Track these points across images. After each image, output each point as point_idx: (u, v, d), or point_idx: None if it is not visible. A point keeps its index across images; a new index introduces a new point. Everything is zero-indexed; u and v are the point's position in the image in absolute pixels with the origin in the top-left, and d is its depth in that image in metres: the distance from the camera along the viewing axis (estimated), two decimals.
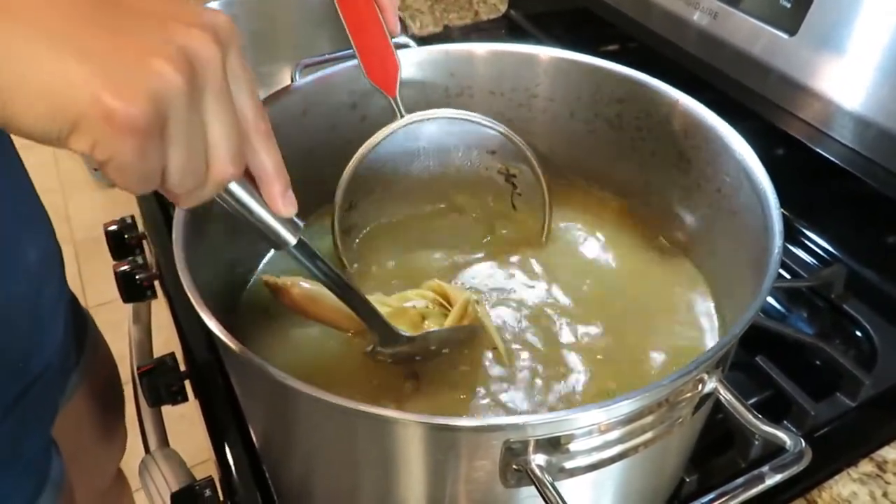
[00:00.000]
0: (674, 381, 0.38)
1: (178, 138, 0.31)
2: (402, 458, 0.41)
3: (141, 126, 0.29)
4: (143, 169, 0.30)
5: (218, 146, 0.33)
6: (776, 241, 0.46)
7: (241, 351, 0.40)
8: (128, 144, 0.29)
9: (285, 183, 0.39)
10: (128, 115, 0.28)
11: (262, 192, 0.39)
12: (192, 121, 0.31)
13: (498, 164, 0.67)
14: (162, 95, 0.29)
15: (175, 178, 0.32)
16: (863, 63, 0.70)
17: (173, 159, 0.31)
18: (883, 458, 0.57)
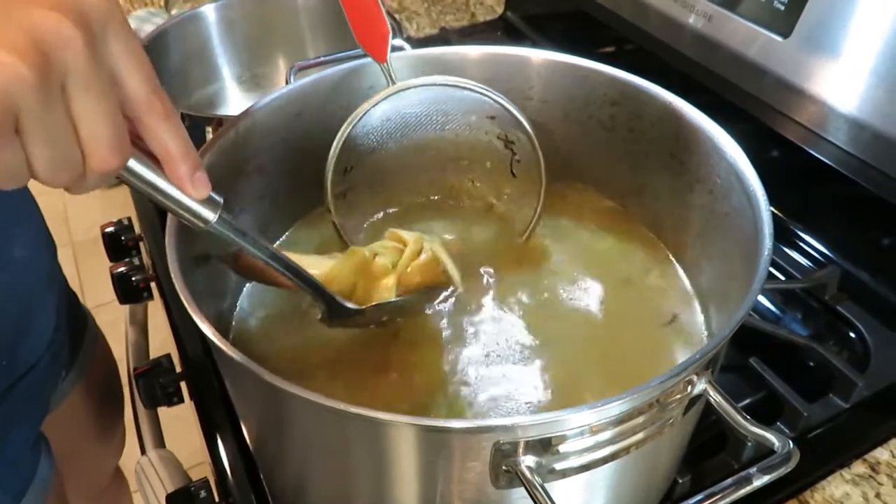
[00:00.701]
0: (663, 382, 0.39)
1: (35, 134, 0.29)
2: (393, 459, 0.42)
3: (34, 78, 0.27)
4: (2, 167, 0.29)
5: (92, 137, 0.31)
6: (766, 242, 0.46)
7: (233, 354, 0.41)
8: (30, 97, 0.27)
9: (193, 163, 0.37)
10: (20, 66, 0.27)
11: (168, 175, 0.37)
12: (52, 114, 0.29)
13: (497, 130, 0.66)
14: (7, 90, 0.27)
15: (45, 173, 0.30)
16: (857, 65, 0.70)
17: (36, 155, 0.29)
18: (876, 460, 0.58)
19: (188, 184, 0.37)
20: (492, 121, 0.66)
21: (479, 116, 0.65)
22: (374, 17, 0.60)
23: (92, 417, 0.81)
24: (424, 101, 0.64)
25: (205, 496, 0.58)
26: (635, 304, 0.60)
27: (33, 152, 0.29)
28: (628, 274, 0.63)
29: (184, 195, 0.38)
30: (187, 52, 0.95)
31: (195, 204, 0.39)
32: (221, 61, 0.99)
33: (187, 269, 0.47)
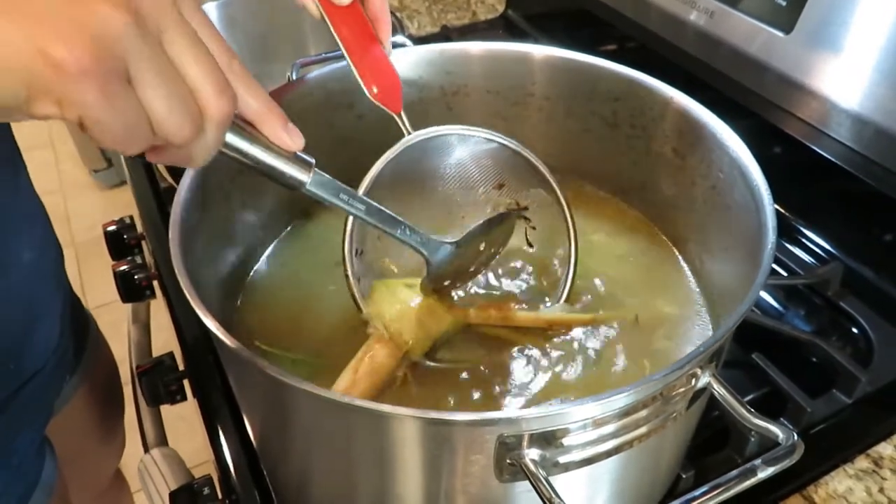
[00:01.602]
0: (667, 375, 0.39)
1: (147, 78, 0.30)
2: (397, 452, 0.41)
3: (92, 69, 0.28)
4: (121, 118, 0.29)
5: (203, 82, 0.32)
6: (770, 236, 0.46)
7: (237, 348, 0.41)
8: (89, 91, 0.28)
9: (282, 116, 0.38)
10: (75, 60, 0.27)
11: (264, 132, 0.38)
12: (158, 59, 0.30)
13: (507, 200, 0.63)
14: (109, 35, 0.28)
15: (167, 124, 0.31)
16: (859, 61, 0.70)
17: (153, 102, 0.30)
18: (879, 455, 0.58)
19: (284, 135, 0.38)
20: (499, 190, 0.63)
21: (486, 188, 0.63)
22: (384, 69, 0.58)
23: (94, 420, 0.81)
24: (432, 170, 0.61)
25: (208, 493, 0.58)
26: (639, 297, 0.60)
27: (151, 100, 0.30)
28: (631, 268, 0.63)
29: (277, 158, 0.39)
30: None
31: (290, 167, 0.40)
32: None
33: (191, 265, 0.47)
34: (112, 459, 0.92)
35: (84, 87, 0.28)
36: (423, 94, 0.67)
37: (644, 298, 0.60)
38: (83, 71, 0.28)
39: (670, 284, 0.61)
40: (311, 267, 0.63)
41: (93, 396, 0.79)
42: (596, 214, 0.68)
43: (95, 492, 0.90)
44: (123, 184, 2.19)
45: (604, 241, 0.66)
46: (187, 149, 0.33)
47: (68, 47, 0.27)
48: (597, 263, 0.63)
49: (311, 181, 0.42)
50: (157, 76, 0.30)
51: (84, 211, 2.29)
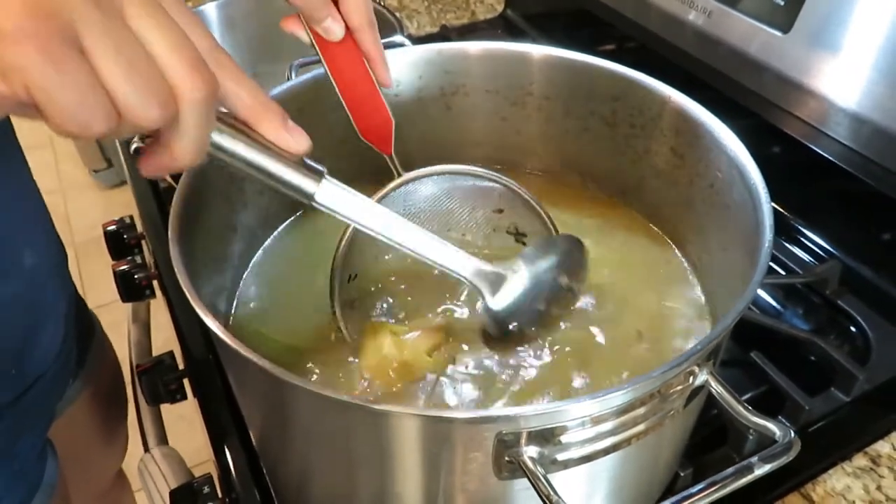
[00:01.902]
0: (664, 372, 0.39)
1: (101, 47, 0.27)
2: (396, 450, 0.42)
3: (31, 27, 0.25)
4: (73, 89, 0.26)
5: (172, 58, 0.28)
6: (767, 235, 0.46)
7: (237, 347, 0.41)
8: (29, 53, 0.25)
9: (281, 112, 0.34)
10: (14, 23, 0.25)
11: (261, 131, 0.33)
12: (116, 29, 0.27)
13: (506, 223, 0.62)
14: None
15: (129, 100, 0.27)
16: (857, 60, 0.70)
17: (111, 74, 0.27)
18: (877, 452, 0.58)
19: (285, 134, 0.34)
20: (500, 214, 0.62)
21: (486, 211, 0.61)
22: (376, 107, 0.56)
23: (97, 422, 0.81)
24: (428, 198, 0.59)
25: (208, 492, 0.59)
26: (637, 296, 0.60)
27: (107, 71, 0.27)
28: (630, 266, 0.63)
29: (281, 164, 0.34)
30: None
31: (296, 174, 0.35)
32: None
33: (191, 264, 0.47)
34: (115, 460, 0.92)
35: (23, 48, 0.25)
36: (423, 93, 0.67)
37: (643, 296, 0.60)
38: (21, 31, 0.25)
39: (669, 282, 0.62)
40: (311, 261, 0.63)
41: (97, 399, 0.79)
42: (594, 213, 0.68)
43: (97, 492, 0.90)
44: (123, 184, 2.19)
45: (603, 240, 0.66)
46: (167, 143, 0.30)
47: (9, 12, 0.25)
48: (596, 262, 0.63)
49: (321, 192, 0.37)
50: (114, 46, 0.27)
51: (84, 211, 2.29)
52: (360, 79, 0.56)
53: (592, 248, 0.65)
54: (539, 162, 0.72)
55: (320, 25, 0.53)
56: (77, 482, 0.77)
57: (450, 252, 0.43)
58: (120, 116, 0.28)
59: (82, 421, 0.77)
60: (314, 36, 0.54)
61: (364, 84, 0.56)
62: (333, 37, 0.54)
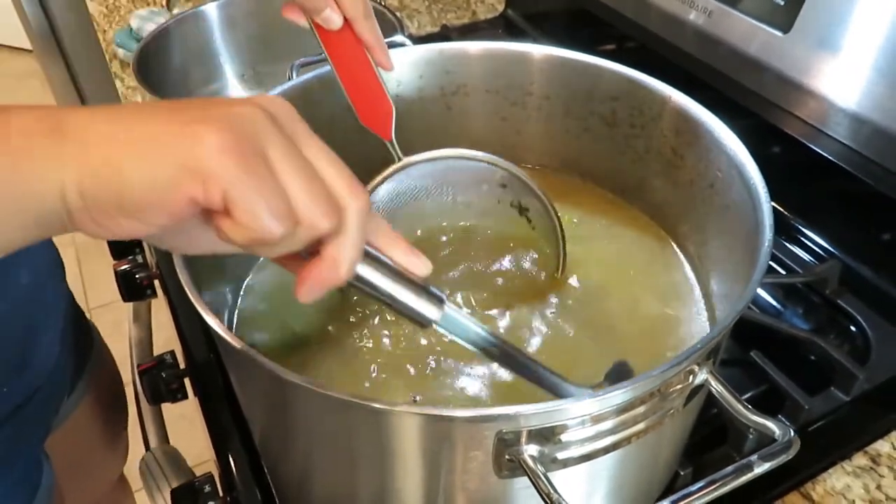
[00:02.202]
0: (664, 371, 0.39)
1: (286, 165, 0.31)
2: (397, 448, 0.42)
3: (236, 145, 0.30)
4: (263, 194, 0.30)
5: (334, 177, 0.33)
6: (767, 234, 0.46)
7: (239, 346, 0.41)
8: (230, 163, 0.29)
9: (405, 241, 0.38)
10: (221, 138, 0.29)
11: (393, 257, 0.38)
12: (296, 152, 0.32)
13: (510, 197, 0.64)
14: (248, 122, 0.31)
15: (310, 209, 0.32)
16: (857, 60, 0.70)
17: (293, 186, 0.31)
18: (877, 452, 0.58)
19: (413, 258, 0.38)
20: (503, 189, 0.64)
21: (491, 185, 0.64)
22: (377, 94, 0.58)
23: (97, 431, 0.81)
24: (433, 173, 0.62)
25: (209, 491, 0.59)
26: (637, 295, 0.60)
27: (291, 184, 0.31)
28: (630, 266, 0.63)
29: (408, 292, 0.38)
30: (189, 50, 0.95)
31: (420, 301, 0.38)
32: (223, 59, 0.99)
33: (192, 263, 0.47)
34: (116, 467, 0.92)
35: (227, 160, 0.29)
36: (423, 93, 0.67)
37: (642, 295, 0.61)
38: (225, 146, 0.29)
39: (669, 281, 0.62)
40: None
41: (96, 407, 0.79)
42: (595, 213, 0.68)
43: (98, 498, 0.90)
44: None
45: (603, 239, 0.66)
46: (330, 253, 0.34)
47: (213, 128, 0.30)
48: (596, 260, 0.64)
49: (441, 318, 0.39)
50: (294, 164, 0.32)
51: None
52: (360, 66, 0.57)
53: (592, 247, 0.65)
54: (539, 161, 0.72)
55: (319, 16, 0.55)
56: (78, 490, 0.77)
57: (550, 378, 0.44)
58: (297, 223, 0.32)
59: (83, 430, 0.78)
60: (314, 25, 0.56)
61: (364, 71, 0.57)
62: (333, 26, 0.55)
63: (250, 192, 0.30)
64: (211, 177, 0.29)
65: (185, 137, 0.29)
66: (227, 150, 0.29)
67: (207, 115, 0.30)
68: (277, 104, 0.34)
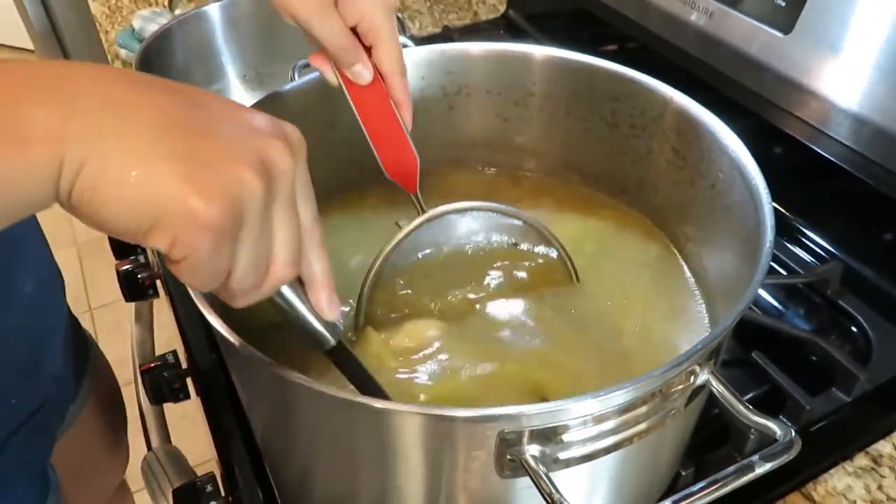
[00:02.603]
0: (665, 372, 0.39)
1: (249, 240, 0.32)
2: (398, 448, 0.42)
3: (219, 226, 0.30)
4: (214, 268, 0.31)
5: (281, 250, 0.34)
6: (768, 235, 0.46)
7: (241, 345, 0.41)
8: (204, 243, 0.30)
9: (332, 287, 0.40)
10: (209, 215, 0.29)
11: (310, 296, 0.40)
12: (264, 225, 0.32)
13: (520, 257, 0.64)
14: (242, 199, 0.30)
15: (239, 278, 0.33)
16: (858, 61, 0.70)
17: (241, 260, 0.32)
18: (878, 452, 0.58)
19: (325, 305, 0.40)
20: (514, 247, 0.64)
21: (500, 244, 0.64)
22: (402, 149, 0.57)
23: (98, 437, 0.81)
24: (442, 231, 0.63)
25: (211, 490, 0.59)
26: (638, 295, 0.60)
27: (240, 257, 0.32)
28: (630, 267, 0.63)
29: (314, 317, 0.41)
30: (191, 51, 0.96)
31: (321, 327, 0.41)
32: (225, 60, 0.99)
33: None
34: (118, 472, 0.92)
35: (203, 239, 0.30)
36: (425, 94, 0.67)
37: (644, 296, 0.61)
38: (211, 227, 0.29)
39: (670, 282, 0.62)
40: None
41: (97, 414, 0.79)
42: (595, 214, 0.68)
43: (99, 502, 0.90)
44: None
45: (603, 240, 0.66)
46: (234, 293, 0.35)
47: (207, 202, 0.29)
48: (596, 262, 0.64)
49: (333, 348, 0.43)
50: (257, 241, 0.32)
51: None
52: (386, 118, 0.56)
53: (593, 248, 0.65)
54: (540, 162, 0.72)
55: (350, 70, 0.54)
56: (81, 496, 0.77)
57: None
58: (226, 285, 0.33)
59: (85, 437, 0.78)
60: (341, 76, 0.55)
61: (390, 124, 0.56)
62: (362, 81, 0.54)
63: (204, 264, 0.31)
64: (181, 243, 0.29)
65: (178, 198, 0.29)
66: (209, 227, 0.29)
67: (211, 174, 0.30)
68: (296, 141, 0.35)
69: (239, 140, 0.32)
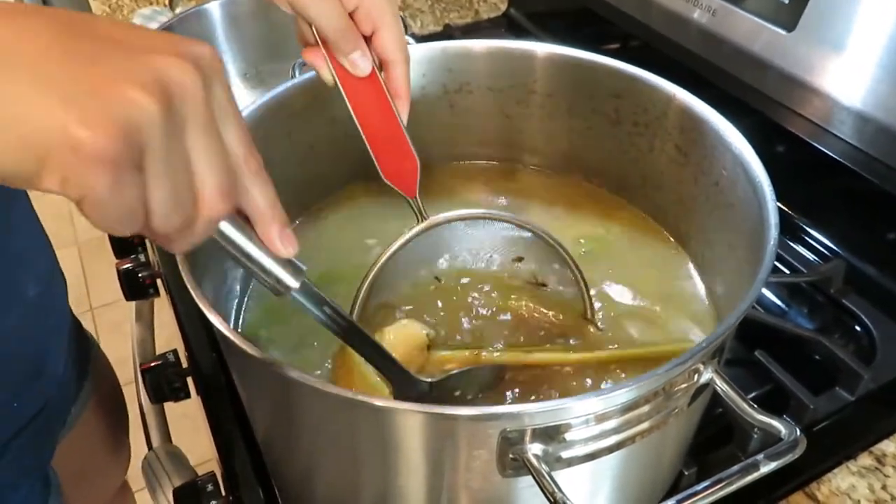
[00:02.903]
0: (669, 370, 0.39)
1: (157, 171, 0.29)
2: (401, 447, 0.42)
3: (111, 157, 0.26)
4: (120, 205, 0.28)
5: (205, 180, 0.31)
6: (772, 232, 0.46)
7: (242, 345, 0.41)
8: (99, 178, 0.26)
9: (282, 221, 0.36)
10: (96, 146, 0.26)
11: (258, 233, 0.36)
12: (173, 152, 0.29)
13: (526, 273, 0.62)
14: (135, 123, 0.27)
15: (159, 216, 0.30)
16: (861, 59, 0.70)
17: (155, 194, 0.29)
18: (882, 452, 0.58)
19: (277, 241, 0.36)
20: (519, 262, 0.62)
21: (505, 258, 0.62)
22: (401, 150, 0.54)
23: (100, 439, 0.81)
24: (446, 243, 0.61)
25: (211, 490, 0.59)
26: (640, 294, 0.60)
27: (152, 192, 0.29)
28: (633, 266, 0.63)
29: (269, 258, 0.37)
30: None
31: (280, 269, 0.38)
32: (226, 58, 0.99)
33: (194, 262, 0.47)
34: (119, 473, 0.91)
35: (97, 173, 0.26)
36: (426, 91, 0.67)
37: (646, 294, 0.60)
38: (100, 159, 0.26)
39: (673, 281, 0.62)
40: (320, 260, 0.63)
41: (98, 416, 0.79)
42: (598, 212, 0.68)
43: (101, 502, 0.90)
44: None
45: (606, 239, 0.66)
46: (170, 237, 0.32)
47: (91, 131, 0.26)
48: (598, 260, 0.63)
49: (298, 289, 0.39)
50: (167, 169, 0.29)
51: None
52: (385, 118, 0.54)
53: (595, 246, 0.65)
54: (542, 160, 0.72)
55: (347, 58, 0.51)
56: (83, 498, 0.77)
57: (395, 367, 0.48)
58: (143, 227, 0.30)
59: (86, 439, 0.77)
60: (337, 70, 0.52)
61: (389, 124, 0.54)
62: (360, 72, 0.51)
63: (107, 203, 0.27)
64: (73, 181, 0.27)
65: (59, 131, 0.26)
66: (101, 164, 0.26)
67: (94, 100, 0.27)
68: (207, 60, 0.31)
69: (130, 62, 0.28)
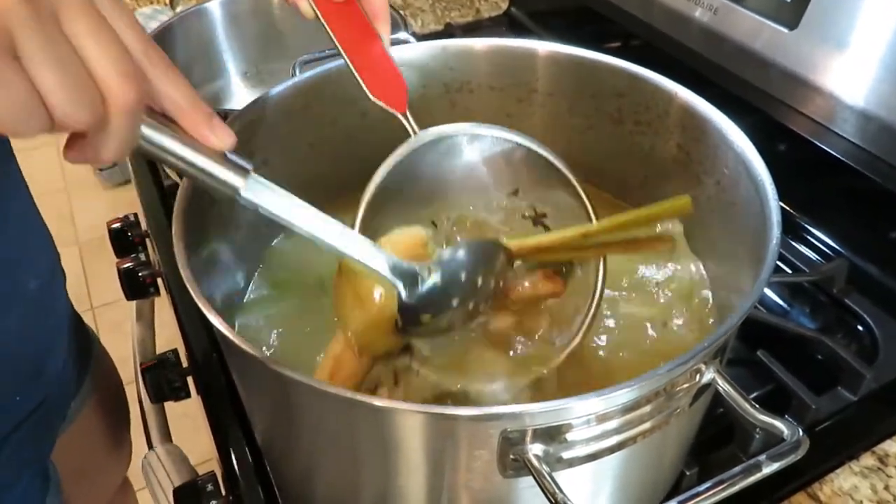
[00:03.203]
0: (671, 370, 0.38)
1: (36, 54, 0.27)
2: (401, 447, 0.41)
3: None
4: (8, 94, 0.26)
5: (103, 64, 0.29)
6: (774, 232, 0.46)
7: (242, 345, 0.41)
8: None
9: (207, 111, 0.34)
10: None
11: (185, 128, 0.34)
12: (50, 36, 0.28)
13: (523, 206, 0.59)
14: None
15: (60, 109, 0.28)
16: (864, 57, 0.70)
17: (44, 79, 0.27)
18: (884, 452, 0.57)
19: (208, 132, 0.34)
20: (514, 196, 0.59)
21: (499, 193, 0.59)
22: (386, 67, 0.54)
23: (100, 436, 0.81)
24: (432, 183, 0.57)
25: (211, 489, 0.58)
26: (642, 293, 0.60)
27: (41, 77, 0.27)
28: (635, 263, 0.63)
29: (206, 158, 0.34)
30: (192, 48, 0.95)
31: (220, 169, 0.35)
32: (226, 57, 0.99)
33: (195, 262, 0.47)
34: (120, 471, 0.91)
35: None
36: (427, 90, 0.67)
37: (648, 293, 0.60)
38: None
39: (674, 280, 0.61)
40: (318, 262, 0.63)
41: (99, 412, 0.79)
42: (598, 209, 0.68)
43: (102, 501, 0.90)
44: (128, 182, 2.19)
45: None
46: (94, 140, 0.31)
47: None
48: None
49: (246, 188, 0.36)
50: (48, 52, 0.27)
51: (88, 209, 2.29)
52: (366, 40, 0.53)
53: None
54: None
55: None
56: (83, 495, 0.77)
57: (368, 249, 0.45)
58: (52, 119, 0.28)
59: (87, 435, 0.77)
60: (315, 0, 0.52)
61: (371, 45, 0.53)
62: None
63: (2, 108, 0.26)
64: None
65: None
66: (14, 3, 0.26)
67: None
68: None
69: None
